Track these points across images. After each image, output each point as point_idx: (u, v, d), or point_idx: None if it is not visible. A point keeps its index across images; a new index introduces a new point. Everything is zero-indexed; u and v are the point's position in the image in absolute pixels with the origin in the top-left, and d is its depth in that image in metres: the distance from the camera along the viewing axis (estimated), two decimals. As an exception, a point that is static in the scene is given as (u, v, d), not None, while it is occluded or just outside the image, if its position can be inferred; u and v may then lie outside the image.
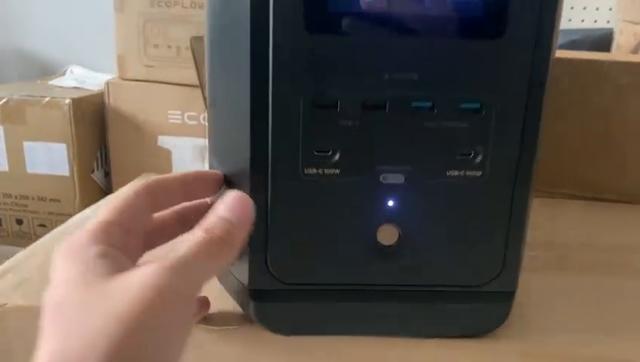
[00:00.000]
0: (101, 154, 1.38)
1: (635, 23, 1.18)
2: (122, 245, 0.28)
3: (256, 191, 0.34)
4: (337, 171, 0.34)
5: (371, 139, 0.33)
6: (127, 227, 0.29)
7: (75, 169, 1.32)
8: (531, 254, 0.50)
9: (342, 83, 0.32)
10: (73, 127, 1.29)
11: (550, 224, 0.57)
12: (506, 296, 0.38)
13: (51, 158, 1.31)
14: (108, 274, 0.26)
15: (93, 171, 1.36)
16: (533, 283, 0.44)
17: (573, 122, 0.64)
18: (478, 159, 0.34)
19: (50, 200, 1.35)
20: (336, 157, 0.34)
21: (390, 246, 0.35)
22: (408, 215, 0.35)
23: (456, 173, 0.34)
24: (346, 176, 0.34)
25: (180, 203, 0.34)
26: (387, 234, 0.35)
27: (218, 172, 0.36)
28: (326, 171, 0.34)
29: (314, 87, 0.32)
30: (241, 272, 0.36)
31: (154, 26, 1.24)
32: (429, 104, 0.33)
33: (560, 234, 0.55)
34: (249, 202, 0.31)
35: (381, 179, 0.34)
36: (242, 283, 0.37)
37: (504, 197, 0.35)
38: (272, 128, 0.33)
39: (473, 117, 0.33)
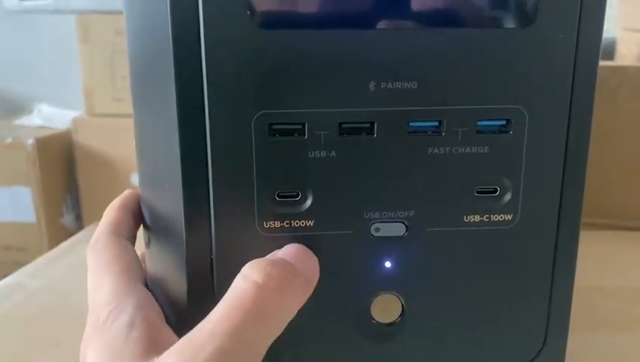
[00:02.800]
0: (71, 197, 1.28)
1: (637, 31, 1.10)
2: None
3: (195, 260, 0.24)
4: (310, 223, 0.24)
5: (355, 176, 0.24)
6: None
7: (42, 214, 1.21)
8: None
9: (308, 98, 0.23)
10: (38, 169, 1.19)
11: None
12: (551, 381, 0.27)
13: (15, 204, 1.21)
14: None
15: (62, 216, 1.26)
16: (577, 350, 0.34)
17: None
18: (507, 197, 0.24)
19: (17, 249, 1.24)
20: (307, 203, 0.24)
21: (390, 324, 0.25)
22: (413, 279, 0.25)
23: (476, 218, 0.24)
24: (323, 229, 0.24)
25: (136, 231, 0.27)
26: (385, 308, 0.25)
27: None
28: (294, 223, 0.24)
29: (269, 106, 0.22)
30: None
31: (122, 56, 1.15)
32: (434, 123, 0.23)
33: (594, 276, 0.45)
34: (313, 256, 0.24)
35: (373, 232, 0.24)
36: None
37: (544, 248, 0.25)
38: (212, 167, 0.23)
39: (497, 139, 0.24)
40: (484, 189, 0.24)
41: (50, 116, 1.33)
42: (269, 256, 0.23)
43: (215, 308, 0.21)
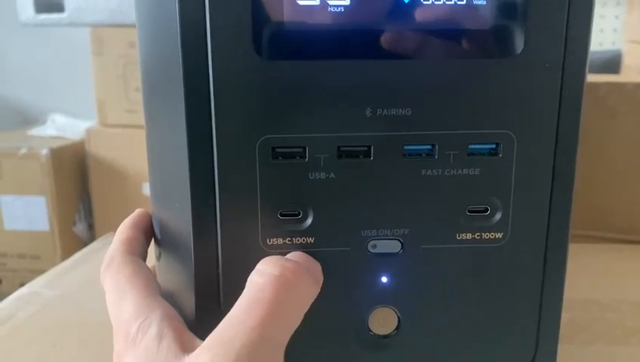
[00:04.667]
0: (83, 206, 1.30)
1: (643, 43, 1.11)
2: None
3: (203, 273, 0.25)
4: (311, 240, 0.25)
5: (353, 196, 0.25)
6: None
7: (55, 223, 1.24)
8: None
9: (309, 123, 0.24)
10: (52, 179, 1.21)
11: (570, 276, 0.48)
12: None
13: (29, 213, 1.23)
14: None
15: (74, 224, 1.28)
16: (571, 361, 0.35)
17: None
18: (497, 217, 0.26)
19: (30, 257, 1.26)
20: (308, 221, 0.25)
21: (387, 335, 0.27)
22: (409, 293, 0.26)
23: (469, 236, 0.26)
24: (323, 245, 0.25)
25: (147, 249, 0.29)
26: (382, 320, 0.27)
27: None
28: (296, 241, 0.25)
29: (272, 131, 0.24)
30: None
31: (134, 69, 1.17)
32: (427, 147, 0.25)
33: (594, 289, 0.46)
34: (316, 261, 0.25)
35: (370, 249, 0.26)
36: None
37: (534, 264, 0.26)
38: (218, 189, 0.24)
39: (487, 161, 0.25)
40: (476, 209, 0.26)
41: (64, 126, 1.35)
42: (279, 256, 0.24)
43: (237, 304, 0.22)
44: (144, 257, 0.28)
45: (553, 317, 0.27)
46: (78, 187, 1.28)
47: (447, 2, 0.23)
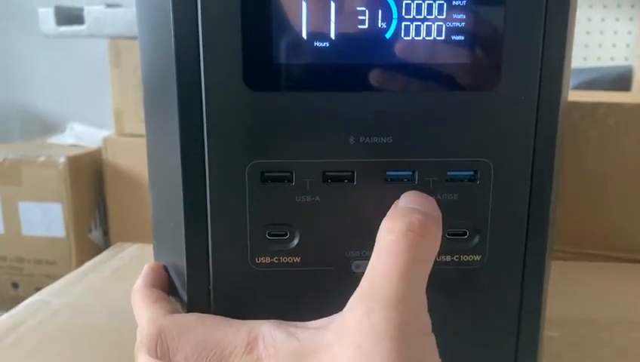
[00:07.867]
0: (99, 213, 1.33)
1: (656, 59, 1.11)
2: None
3: (195, 289, 0.27)
4: (297, 259, 0.27)
5: (338, 219, 0.26)
6: None
7: (71, 229, 1.27)
8: (550, 335, 0.42)
9: (296, 149, 0.25)
10: (69, 186, 1.24)
11: (566, 294, 0.49)
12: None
13: (47, 219, 1.26)
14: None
15: (90, 231, 1.31)
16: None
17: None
18: (475, 240, 0.27)
19: (47, 262, 1.29)
20: (295, 241, 0.27)
21: (369, 351, 0.28)
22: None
23: (448, 257, 0.27)
24: (309, 265, 0.27)
25: None
26: (365, 337, 0.28)
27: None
28: (283, 260, 0.27)
29: (261, 156, 0.26)
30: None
31: (150, 80, 1.20)
32: (408, 173, 0.26)
33: (589, 308, 0.47)
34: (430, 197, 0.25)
35: (354, 268, 0.27)
36: None
37: (512, 286, 0.28)
38: (210, 209, 0.26)
39: (465, 187, 0.26)
40: (455, 232, 0.27)
41: (82, 135, 1.39)
42: (399, 207, 0.25)
43: (374, 261, 0.23)
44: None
45: (532, 338, 0.28)
46: (95, 194, 1.31)
47: (427, 38, 0.25)
